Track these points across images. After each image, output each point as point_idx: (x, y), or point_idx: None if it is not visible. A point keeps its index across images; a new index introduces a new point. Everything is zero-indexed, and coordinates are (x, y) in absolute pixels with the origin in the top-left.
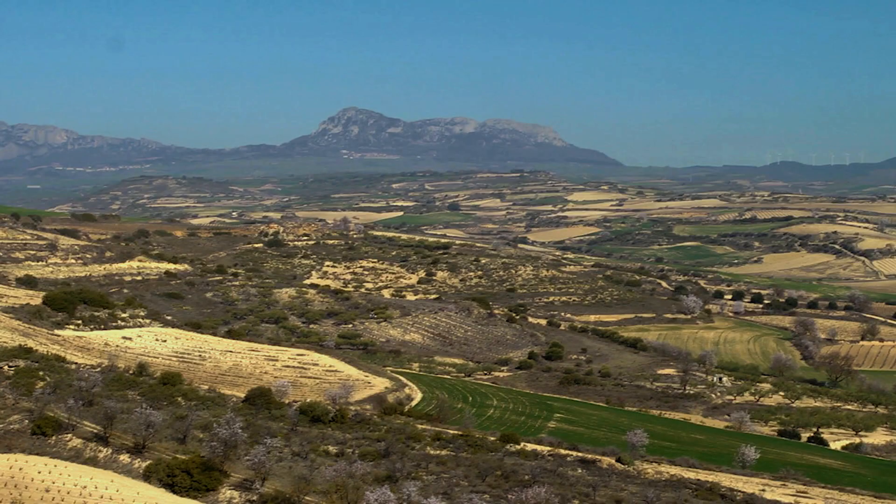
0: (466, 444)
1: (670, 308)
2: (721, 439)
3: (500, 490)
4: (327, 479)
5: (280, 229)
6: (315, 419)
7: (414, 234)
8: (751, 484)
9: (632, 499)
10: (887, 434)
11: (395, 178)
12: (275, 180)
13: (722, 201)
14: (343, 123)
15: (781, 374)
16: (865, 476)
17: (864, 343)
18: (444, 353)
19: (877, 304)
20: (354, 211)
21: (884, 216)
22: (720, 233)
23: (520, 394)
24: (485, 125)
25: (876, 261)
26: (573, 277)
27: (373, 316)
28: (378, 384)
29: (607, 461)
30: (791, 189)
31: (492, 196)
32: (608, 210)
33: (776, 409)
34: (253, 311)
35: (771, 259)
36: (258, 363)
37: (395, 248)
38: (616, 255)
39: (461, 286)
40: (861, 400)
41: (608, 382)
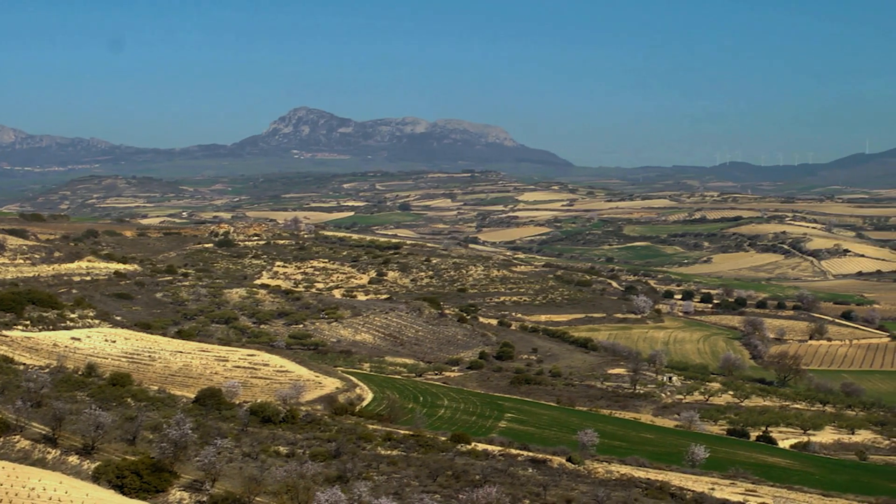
0: (417, 445)
1: (620, 308)
2: (671, 438)
3: (450, 490)
4: (278, 480)
5: (230, 229)
6: (265, 420)
7: (365, 234)
8: (700, 483)
9: (582, 498)
10: (835, 433)
11: (345, 178)
12: (225, 180)
13: (672, 201)
14: (294, 123)
15: (731, 373)
16: (813, 475)
17: (813, 342)
18: (394, 353)
19: (825, 304)
20: (305, 211)
21: (832, 216)
22: (670, 233)
23: (471, 394)
24: (436, 125)
25: (824, 261)
26: (524, 277)
27: (323, 316)
28: (329, 384)
29: (558, 461)
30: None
31: (443, 196)
32: (559, 210)
33: (725, 409)
34: (203, 312)
35: (720, 259)
36: (208, 364)
37: (346, 249)
38: (566, 255)
39: (412, 286)
40: (809, 399)
41: (559, 382)
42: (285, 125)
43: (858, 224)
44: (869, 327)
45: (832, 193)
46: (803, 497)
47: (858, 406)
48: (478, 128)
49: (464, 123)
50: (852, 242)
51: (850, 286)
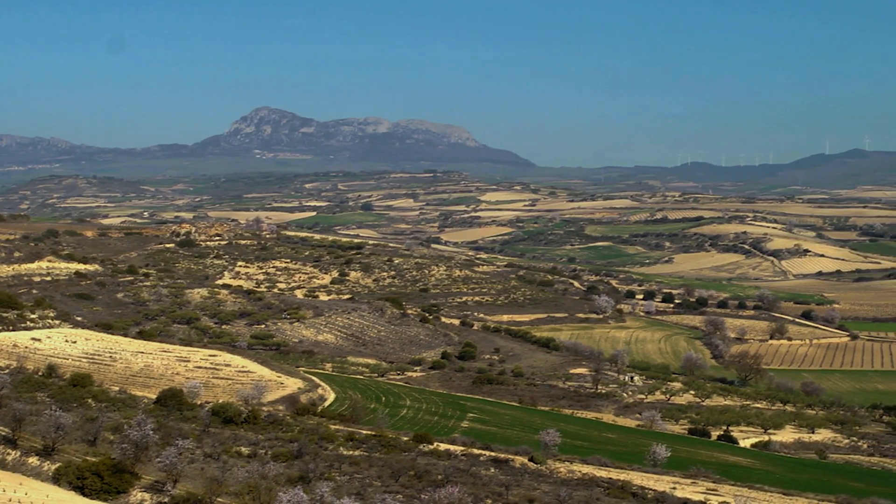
0: (379, 445)
1: (582, 308)
2: (632, 438)
3: (413, 490)
4: (240, 481)
5: (192, 229)
6: (227, 420)
7: (327, 234)
8: (661, 482)
9: (544, 498)
10: (795, 432)
11: (308, 178)
12: (187, 180)
13: (633, 202)
14: (256, 123)
15: (692, 372)
16: (774, 473)
17: (773, 342)
18: (357, 353)
19: (785, 304)
20: (267, 211)
21: (792, 216)
22: (632, 233)
23: (433, 394)
24: (398, 125)
25: (784, 261)
26: (486, 277)
27: (286, 316)
28: (291, 385)
29: (520, 460)
30: (701, 189)
31: (405, 196)
32: (521, 210)
33: (687, 408)
34: (164, 312)
35: (682, 259)
36: (170, 364)
37: (308, 249)
38: (529, 255)
39: (374, 286)
40: (770, 398)
41: (521, 382)
42: (247, 125)
43: (818, 224)
44: (829, 327)
45: (792, 194)
46: (764, 496)
47: (818, 405)
48: (440, 128)
49: (426, 124)
50: (812, 242)
51: (810, 286)
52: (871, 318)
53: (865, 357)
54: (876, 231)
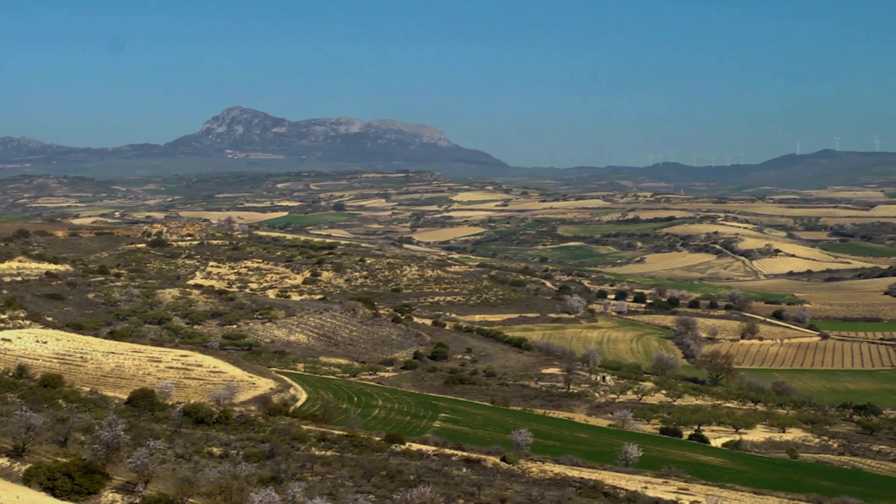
0: (351, 445)
1: (554, 308)
2: (604, 438)
3: (385, 490)
4: (211, 481)
5: (163, 229)
6: (199, 421)
7: (299, 234)
8: (633, 482)
9: (516, 497)
10: (766, 431)
11: (280, 178)
12: (158, 180)
13: (605, 202)
14: (227, 123)
15: (663, 372)
16: (745, 473)
17: (744, 342)
18: (329, 353)
19: (756, 304)
20: (239, 211)
21: (763, 216)
22: (604, 233)
23: (405, 394)
24: (370, 125)
25: (756, 261)
26: (458, 277)
27: (257, 316)
28: (263, 385)
29: (492, 460)
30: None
31: (377, 196)
32: (493, 210)
33: (658, 408)
34: (136, 312)
35: (653, 259)
36: (141, 364)
37: (280, 249)
38: (501, 256)
39: (346, 286)
40: (741, 398)
41: (493, 382)
42: (219, 125)
43: (789, 224)
44: (799, 326)
45: (763, 194)
46: (735, 495)
47: (789, 405)
48: (412, 128)
49: (398, 124)
50: (783, 242)
51: (781, 286)
52: (841, 317)
53: (836, 356)
54: (846, 231)
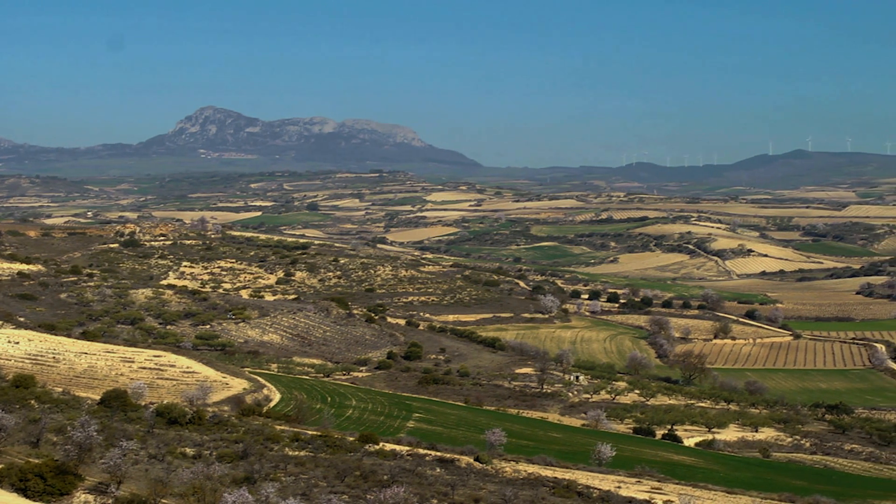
0: (325, 445)
1: (528, 308)
2: (578, 437)
3: (358, 490)
4: (184, 482)
5: (136, 229)
6: (172, 421)
7: (272, 234)
8: (607, 481)
9: (490, 497)
10: (739, 430)
11: (253, 178)
12: (131, 180)
13: (579, 202)
14: (201, 122)
15: (637, 372)
16: (718, 472)
17: (717, 341)
18: (302, 353)
19: (729, 303)
20: (212, 211)
21: (736, 217)
22: (577, 233)
23: (379, 394)
24: (344, 125)
25: (728, 260)
26: (432, 277)
27: (231, 316)
28: (236, 385)
29: (466, 460)
30: (646, 190)
31: (351, 196)
32: (467, 210)
33: (632, 407)
34: (109, 313)
35: (627, 259)
36: (114, 365)
37: (254, 249)
38: (474, 256)
39: (320, 286)
40: (714, 397)
41: (467, 382)
42: (192, 124)
43: (762, 224)
44: (772, 326)
45: (736, 194)
46: (708, 494)
47: (762, 404)
48: (386, 128)
49: (372, 123)
50: (756, 242)
51: (753, 286)
52: (813, 317)
53: (808, 356)
54: (818, 231)
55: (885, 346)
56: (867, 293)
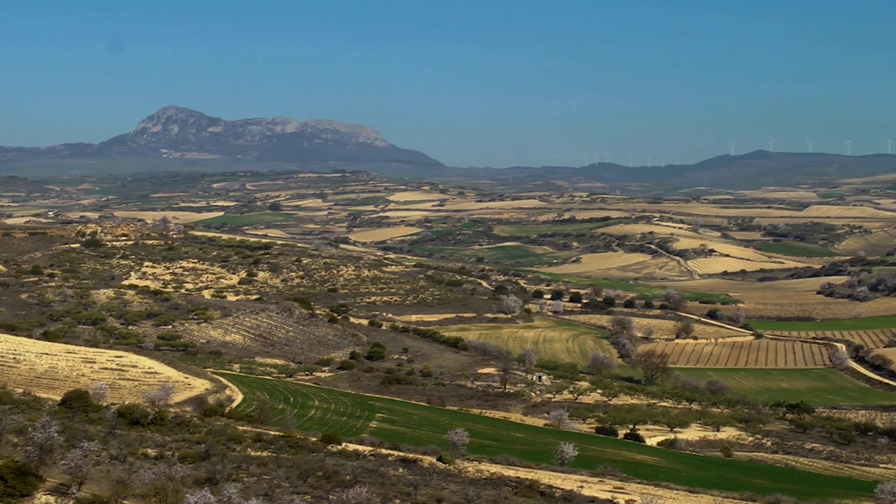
0: (288, 445)
1: (491, 308)
2: (540, 437)
3: (321, 491)
4: (146, 483)
5: (98, 229)
6: (134, 422)
7: (235, 234)
8: (569, 481)
9: (452, 497)
10: (701, 430)
11: (215, 178)
12: (92, 179)
13: (541, 202)
14: (163, 122)
15: (599, 372)
16: (680, 471)
17: (679, 341)
18: (265, 353)
19: (691, 303)
20: (174, 211)
21: (698, 217)
22: (540, 233)
23: (341, 394)
24: (306, 125)
25: (690, 260)
26: (395, 277)
27: (193, 317)
28: (198, 386)
29: (428, 460)
30: (609, 190)
31: (313, 196)
32: (429, 210)
33: (594, 407)
34: (70, 313)
35: (589, 259)
36: (75, 365)
37: (216, 249)
38: (437, 256)
39: (283, 286)
40: (676, 397)
41: (429, 382)
42: (154, 124)
43: (724, 224)
44: (734, 326)
45: (698, 194)
46: (670, 494)
47: (723, 404)
48: (349, 128)
49: (335, 123)
50: (718, 242)
51: (715, 285)
52: (774, 316)
53: (769, 355)
54: (780, 231)
55: (845, 345)
56: (828, 293)
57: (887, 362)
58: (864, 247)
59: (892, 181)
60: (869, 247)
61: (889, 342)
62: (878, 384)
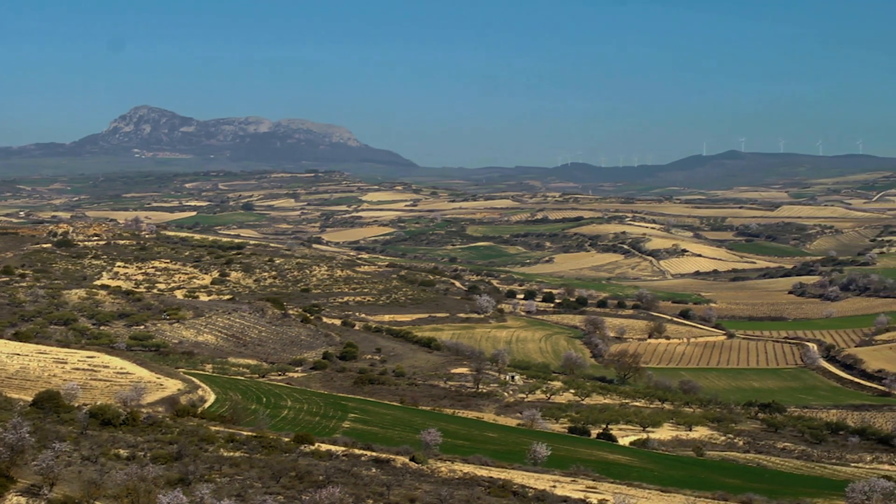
0: (260, 446)
1: (464, 308)
2: (513, 437)
3: (294, 491)
4: (118, 483)
5: (70, 229)
6: (106, 422)
7: (207, 234)
8: (542, 480)
9: (425, 497)
10: (673, 429)
11: (188, 178)
12: (64, 179)
13: (514, 202)
14: (135, 122)
15: (572, 372)
16: (652, 471)
17: (652, 341)
18: (237, 354)
19: (664, 303)
20: (146, 211)
21: (670, 217)
22: (513, 233)
23: (314, 394)
24: (279, 125)
25: (663, 260)
26: (368, 277)
27: (165, 317)
28: (170, 386)
29: (401, 460)
30: (581, 190)
31: (286, 196)
32: (402, 210)
33: (567, 407)
34: (41, 313)
35: (562, 259)
36: (47, 366)
37: (189, 249)
38: (410, 256)
39: (255, 286)
40: (648, 396)
41: (402, 382)
42: (126, 124)
43: (696, 224)
44: (706, 326)
45: (671, 194)
46: (642, 493)
47: (696, 403)
48: (322, 128)
49: (307, 123)
50: (690, 242)
51: (687, 285)
52: (746, 316)
53: (741, 355)
54: (751, 231)
55: (816, 345)
56: (799, 293)
57: (858, 362)
58: (836, 247)
59: (863, 181)
60: (840, 247)
61: (860, 342)
62: (849, 383)
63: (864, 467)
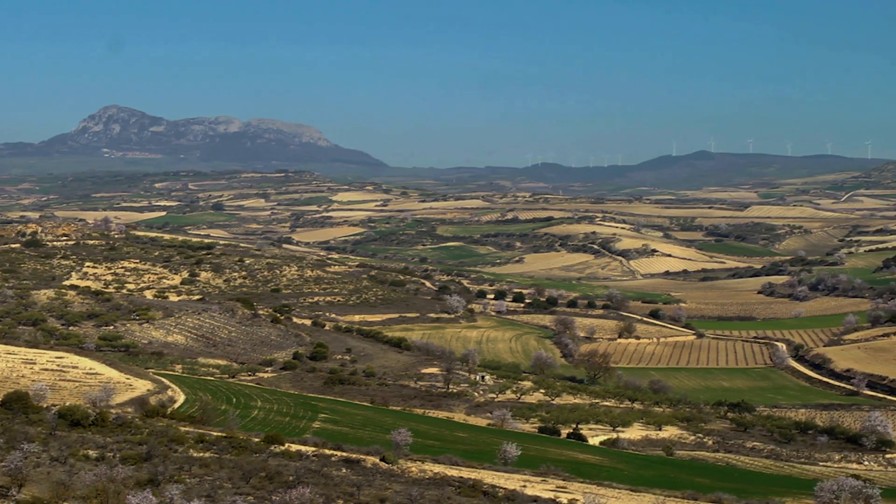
0: (230, 446)
1: (434, 308)
2: (483, 437)
3: (264, 491)
4: (87, 484)
5: (38, 229)
6: (75, 423)
7: (177, 234)
8: (512, 480)
9: (396, 497)
10: (643, 429)
11: (157, 178)
12: (33, 179)
13: (485, 202)
14: (104, 121)
15: (542, 371)
16: (622, 470)
17: (622, 341)
18: (207, 354)
19: (634, 303)
20: (116, 211)
21: (640, 217)
22: (483, 233)
23: (284, 394)
24: (249, 125)
25: (633, 260)
26: (338, 278)
27: (135, 317)
28: (140, 386)
29: (371, 460)
30: (552, 190)
31: (256, 196)
32: (373, 210)
33: (537, 407)
34: (9, 314)
35: (532, 259)
36: (15, 366)
37: (158, 249)
38: (381, 256)
39: (225, 287)
40: (618, 396)
41: (373, 382)
42: (95, 123)
43: (666, 224)
44: (675, 325)
45: (640, 194)
46: (612, 493)
47: (665, 403)
48: (292, 128)
49: (278, 123)
50: (660, 242)
51: (657, 285)
52: (716, 316)
53: (711, 355)
54: (721, 231)
55: (785, 344)
56: (768, 293)
57: (827, 361)
58: (805, 247)
59: (832, 182)
60: (809, 247)
61: (829, 341)
62: (817, 383)
63: (832, 466)
